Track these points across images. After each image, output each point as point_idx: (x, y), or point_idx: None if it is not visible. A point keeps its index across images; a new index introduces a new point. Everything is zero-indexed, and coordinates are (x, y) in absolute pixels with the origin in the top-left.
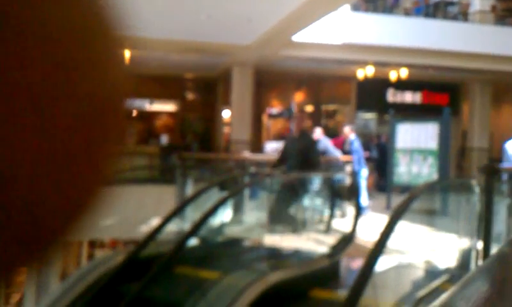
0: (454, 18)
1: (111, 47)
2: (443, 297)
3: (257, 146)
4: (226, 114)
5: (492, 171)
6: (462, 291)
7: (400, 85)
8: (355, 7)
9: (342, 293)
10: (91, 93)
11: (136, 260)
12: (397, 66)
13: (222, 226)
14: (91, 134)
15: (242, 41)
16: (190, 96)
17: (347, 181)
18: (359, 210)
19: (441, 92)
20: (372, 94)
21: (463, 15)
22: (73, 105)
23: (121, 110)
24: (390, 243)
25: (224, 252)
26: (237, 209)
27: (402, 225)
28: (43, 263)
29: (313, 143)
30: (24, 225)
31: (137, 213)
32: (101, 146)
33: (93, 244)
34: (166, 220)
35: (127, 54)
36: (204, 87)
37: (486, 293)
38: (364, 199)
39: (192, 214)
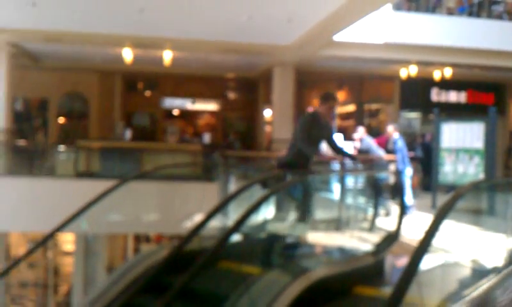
0: (499, 17)
1: None
2: (484, 286)
3: None
4: (267, 113)
5: None
6: (502, 282)
7: (445, 84)
8: (397, 7)
9: (387, 291)
10: None
11: (180, 255)
12: (441, 65)
13: (265, 222)
14: None
15: (283, 41)
16: (232, 95)
17: (392, 180)
18: (404, 209)
19: (487, 91)
20: (415, 94)
21: (508, 14)
22: None
23: None
24: (436, 242)
25: (267, 248)
26: (280, 206)
27: (448, 224)
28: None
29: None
30: None
31: (181, 209)
32: None
33: (138, 238)
34: (210, 215)
35: (170, 54)
36: (245, 87)
37: None
38: (409, 198)
39: (234, 211)
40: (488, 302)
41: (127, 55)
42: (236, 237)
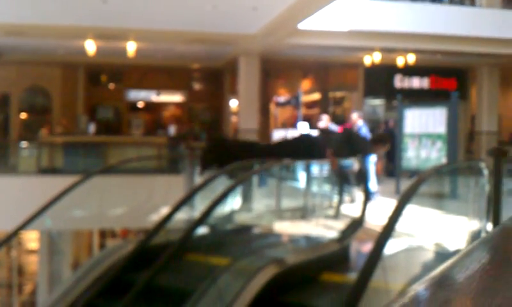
0: (461, 2)
1: None
2: (442, 266)
3: (265, 135)
4: (233, 103)
5: (500, 153)
6: (461, 261)
7: (408, 70)
8: None
9: (352, 277)
10: None
11: (146, 249)
12: (404, 51)
13: (231, 213)
14: None
15: (248, 30)
16: (197, 86)
17: (356, 166)
18: (368, 195)
19: (449, 77)
20: (379, 81)
21: (470, 0)
22: None
23: None
24: (400, 226)
25: (234, 239)
26: (246, 196)
27: (411, 209)
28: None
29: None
30: None
31: (147, 202)
32: None
33: (104, 234)
34: (176, 208)
35: (134, 46)
36: (211, 77)
37: (486, 264)
38: (373, 184)
39: (201, 203)
40: (446, 279)
41: (90, 47)
42: (203, 229)
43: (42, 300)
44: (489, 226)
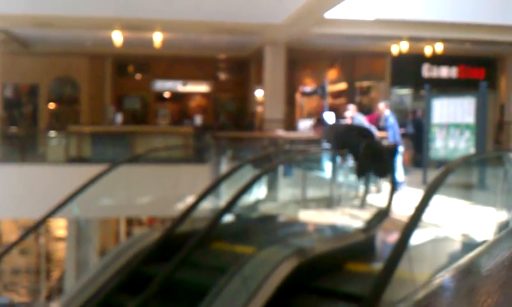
0: None
1: None
2: (470, 255)
3: (291, 124)
4: (259, 93)
5: None
6: (489, 250)
7: (436, 60)
8: None
9: (378, 267)
10: None
11: (172, 237)
12: (432, 40)
13: (257, 202)
14: None
15: (274, 20)
16: (223, 76)
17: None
18: (394, 185)
19: (478, 66)
20: (407, 70)
21: None
22: None
23: None
24: (427, 217)
25: (260, 228)
26: (272, 186)
27: (439, 199)
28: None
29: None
30: None
31: (173, 191)
32: None
33: (130, 222)
34: (201, 197)
35: (160, 36)
36: (237, 67)
37: None
38: (400, 174)
39: (226, 192)
40: (473, 267)
41: (117, 38)
42: (228, 218)
43: (69, 286)
44: None
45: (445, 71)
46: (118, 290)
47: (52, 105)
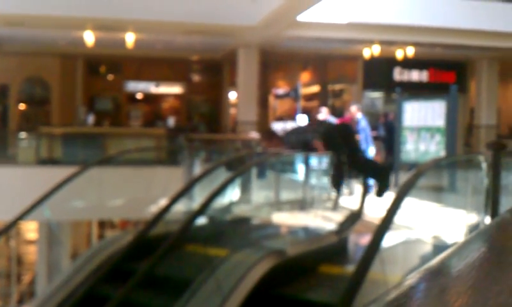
0: None
1: None
2: (440, 256)
3: (264, 127)
4: (232, 95)
5: (499, 146)
6: (459, 251)
7: (407, 63)
8: None
9: (350, 268)
10: None
11: (145, 239)
12: (404, 44)
13: (230, 205)
14: None
15: (247, 22)
16: (196, 78)
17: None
18: (366, 188)
19: (448, 70)
20: (378, 73)
21: None
22: None
23: None
24: (398, 219)
25: (233, 230)
26: (245, 188)
27: (409, 201)
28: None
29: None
30: None
31: (146, 194)
32: None
33: (103, 225)
34: (175, 199)
35: (133, 37)
36: (210, 69)
37: (485, 252)
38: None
39: (200, 194)
40: (444, 268)
41: (89, 38)
42: (202, 220)
43: (41, 289)
44: (488, 220)
45: (416, 75)
46: (90, 294)
47: (22, 106)
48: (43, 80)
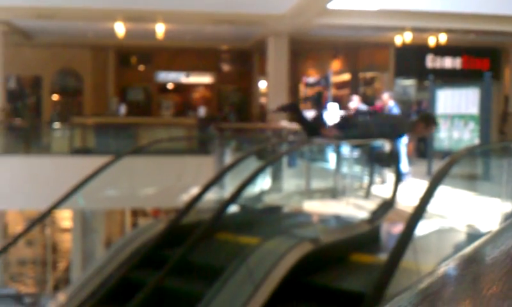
0: None
1: None
2: (474, 244)
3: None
4: (262, 84)
5: None
6: (493, 239)
7: (440, 50)
8: None
9: (383, 257)
10: None
11: (177, 228)
12: (436, 31)
13: (261, 193)
14: None
15: (277, 10)
16: (226, 67)
17: (387, 147)
18: (399, 176)
19: (482, 57)
20: (410, 61)
21: None
22: None
23: None
24: (431, 207)
25: (264, 219)
26: (276, 177)
27: (443, 190)
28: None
29: None
30: None
31: (177, 183)
32: None
33: (135, 213)
34: (206, 188)
35: (163, 27)
36: (240, 58)
37: None
38: (404, 165)
39: (231, 183)
40: (478, 256)
41: (120, 29)
42: (233, 208)
43: (76, 276)
44: None
45: (449, 62)
46: (124, 280)
47: (55, 97)
48: (75, 71)
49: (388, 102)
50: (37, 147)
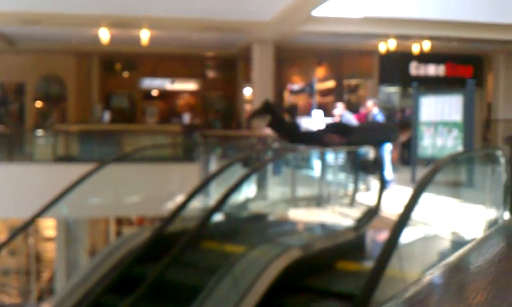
0: None
1: None
2: (459, 252)
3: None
4: (247, 91)
5: None
6: (478, 247)
7: (423, 58)
8: None
9: (368, 265)
10: None
11: (162, 236)
12: (420, 38)
13: (246, 201)
14: None
15: (261, 17)
16: (211, 74)
17: (371, 154)
18: (383, 183)
19: (465, 64)
20: (394, 68)
21: None
22: None
23: None
24: (416, 215)
25: (250, 227)
26: (261, 184)
27: (427, 197)
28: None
29: None
30: None
31: (162, 190)
32: None
33: (120, 221)
34: (191, 196)
35: (147, 34)
36: (225, 65)
37: (504, 248)
38: (388, 172)
39: (216, 190)
40: (463, 264)
41: (104, 35)
42: (218, 217)
43: (60, 286)
44: (507, 215)
45: (432, 69)
46: (108, 290)
47: (39, 104)
48: (59, 77)
49: (373, 109)
50: (20, 154)
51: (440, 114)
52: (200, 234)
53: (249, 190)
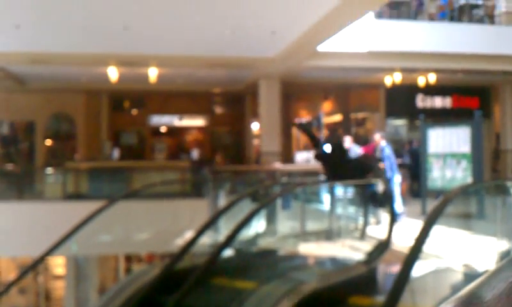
0: (480, 20)
1: None
2: (469, 286)
3: (288, 157)
4: (255, 126)
5: None
6: (488, 281)
7: (430, 90)
8: (379, 15)
9: (380, 299)
10: None
11: (172, 273)
12: (425, 71)
13: (256, 236)
14: None
15: (267, 53)
16: (219, 110)
17: (380, 187)
18: (394, 216)
19: (472, 95)
20: (401, 101)
21: (489, 17)
22: None
23: None
24: (427, 248)
25: (260, 262)
26: (270, 219)
27: (438, 229)
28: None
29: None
30: None
31: (171, 227)
32: None
33: (129, 259)
34: (200, 232)
35: (155, 71)
36: (232, 101)
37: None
38: (398, 205)
39: (225, 226)
40: (473, 298)
41: (113, 74)
42: (228, 252)
43: None
44: None
45: (439, 101)
46: None
47: (49, 142)
48: (68, 116)
49: (380, 142)
50: (30, 193)
51: (448, 145)
52: (209, 270)
53: (258, 225)
